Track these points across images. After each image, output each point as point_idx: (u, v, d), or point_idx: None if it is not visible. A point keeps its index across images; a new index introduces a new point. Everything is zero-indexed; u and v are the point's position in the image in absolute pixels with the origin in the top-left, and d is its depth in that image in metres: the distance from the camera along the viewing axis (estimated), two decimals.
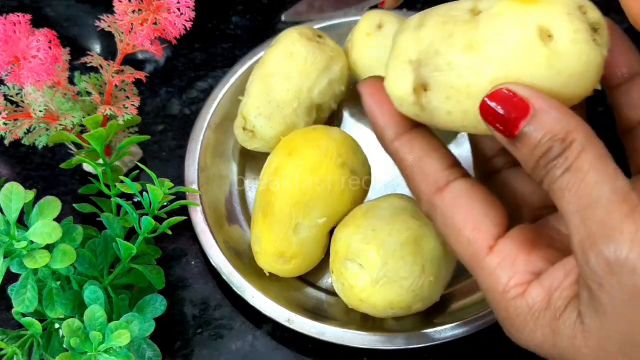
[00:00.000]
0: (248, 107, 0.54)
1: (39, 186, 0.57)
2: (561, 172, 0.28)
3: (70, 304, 0.44)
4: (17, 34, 0.46)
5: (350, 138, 0.51)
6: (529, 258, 0.30)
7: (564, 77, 0.29)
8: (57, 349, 0.45)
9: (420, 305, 0.46)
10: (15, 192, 0.43)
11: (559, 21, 0.29)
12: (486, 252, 0.31)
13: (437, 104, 0.31)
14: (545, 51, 0.29)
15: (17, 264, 0.43)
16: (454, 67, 0.30)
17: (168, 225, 0.49)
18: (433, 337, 0.47)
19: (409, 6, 0.68)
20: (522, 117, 0.28)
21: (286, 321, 0.48)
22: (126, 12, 0.49)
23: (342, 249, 0.46)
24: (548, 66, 0.29)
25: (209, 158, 0.56)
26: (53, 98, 0.49)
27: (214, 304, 0.52)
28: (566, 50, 0.29)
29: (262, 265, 0.51)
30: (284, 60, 0.54)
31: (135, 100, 0.52)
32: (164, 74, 0.64)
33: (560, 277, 0.29)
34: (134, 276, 0.48)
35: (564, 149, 0.28)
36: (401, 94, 0.32)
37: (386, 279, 0.45)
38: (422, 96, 0.31)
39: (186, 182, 0.54)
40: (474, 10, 0.31)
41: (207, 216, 0.53)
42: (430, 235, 0.46)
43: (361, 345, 0.47)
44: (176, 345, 0.50)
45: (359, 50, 0.56)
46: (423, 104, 0.31)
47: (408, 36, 0.32)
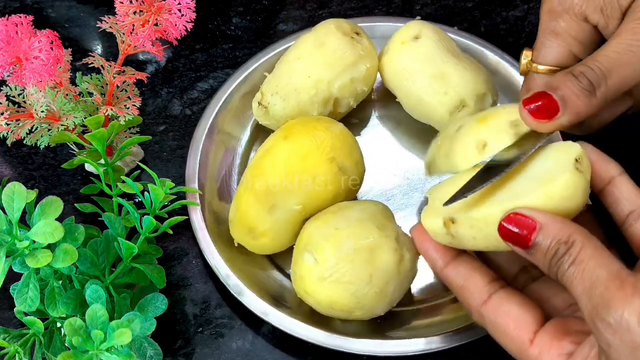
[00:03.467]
0: (268, 84, 0.56)
1: (41, 186, 0.58)
2: (568, 265, 0.36)
3: (72, 303, 0.44)
4: (20, 35, 0.46)
5: (350, 137, 0.52)
6: (560, 344, 0.38)
7: (555, 201, 0.37)
8: (59, 348, 0.45)
9: (361, 314, 0.47)
10: (18, 192, 0.43)
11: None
12: (528, 345, 0.39)
13: (464, 233, 0.40)
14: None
15: (19, 264, 0.44)
16: (479, 202, 0.40)
17: (169, 225, 0.49)
18: (369, 348, 0.48)
19: (408, 9, 0.68)
20: (532, 232, 0.37)
21: (237, 293, 0.49)
22: (127, 14, 0.49)
23: (305, 239, 0.48)
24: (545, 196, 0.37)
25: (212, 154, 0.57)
26: (55, 99, 0.49)
27: (215, 303, 0.52)
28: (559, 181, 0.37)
29: (234, 235, 0.52)
30: (313, 48, 0.55)
31: (136, 100, 0.52)
32: (165, 74, 0.64)
33: (586, 352, 0.36)
34: (135, 275, 0.48)
35: (568, 249, 0.36)
36: (434, 228, 0.42)
37: (333, 278, 0.45)
38: (451, 227, 0.40)
39: (187, 182, 0.55)
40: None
41: (206, 216, 0.53)
42: (388, 249, 0.46)
43: (296, 333, 0.48)
44: (177, 344, 0.51)
45: (390, 56, 0.56)
46: (453, 234, 0.41)
47: (445, 185, 0.44)
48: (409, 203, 0.56)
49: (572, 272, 0.35)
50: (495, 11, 0.68)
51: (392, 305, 0.48)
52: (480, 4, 0.68)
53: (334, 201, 0.50)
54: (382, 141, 0.59)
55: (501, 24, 0.67)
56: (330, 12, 0.68)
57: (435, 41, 0.55)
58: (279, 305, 0.49)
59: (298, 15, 0.68)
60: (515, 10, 0.68)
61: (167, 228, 0.49)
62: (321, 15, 0.67)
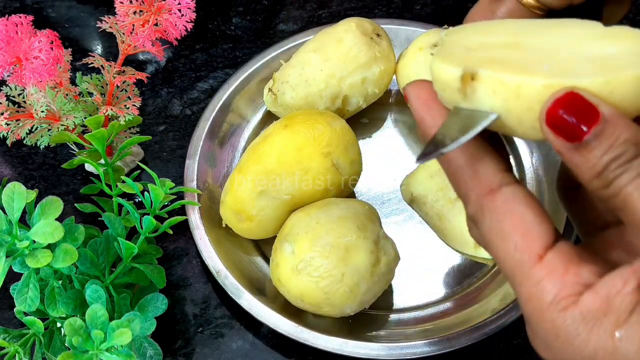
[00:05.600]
0: (282, 72, 0.57)
1: (41, 186, 0.58)
2: (633, 176, 0.27)
3: (72, 303, 0.44)
4: (20, 35, 0.46)
5: (350, 135, 0.52)
6: (578, 271, 0.29)
7: (619, 96, 0.28)
8: (59, 348, 0.45)
9: (330, 310, 0.47)
10: (18, 192, 0.43)
11: None
12: (535, 261, 0.30)
13: (481, 96, 0.30)
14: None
15: (19, 264, 0.44)
16: (509, 64, 0.29)
17: (169, 225, 0.49)
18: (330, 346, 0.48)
19: (408, 8, 0.68)
20: (594, 124, 0.28)
21: (216, 273, 0.50)
22: (127, 14, 0.49)
23: (287, 228, 0.48)
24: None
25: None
26: (55, 99, 0.49)
27: (215, 303, 0.52)
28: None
29: (222, 215, 0.52)
30: (330, 43, 0.56)
31: (136, 100, 0.52)
32: (165, 74, 0.64)
33: (619, 285, 0.28)
34: (135, 275, 0.48)
35: (638, 153, 0.27)
36: (448, 79, 0.30)
37: (305, 271, 0.46)
38: (468, 85, 0.30)
39: (186, 182, 0.55)
40: None
41: (203, 216, 0.53)
42: (364, 250, 0.46)
43: (265, 320, 0.48)
44: (177, 344, 0.51)
45: (406, 61, 0.57)
46: (467, 93, 0.30)
47: (469, 28, 0.33)
48: (404, 209, 0.56)
49: (637, 186, 0.27)
50: None
51: (363, 306, 0.48)
52: None
53: (323, 196, 0.50)
54: (391, 144, 0.59)
55: None
56: (330, 12, 0.68)
57: None
58: (256, 293, 0.50)
59: (298, 15, 0.68)
60: None
61: (167, 228, 0.49)
62: (321, 15, 0.68)
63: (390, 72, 0.57)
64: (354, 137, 0.52)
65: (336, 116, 0.53)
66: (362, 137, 0.59)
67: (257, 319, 0.49)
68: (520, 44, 0.30)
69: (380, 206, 0.55)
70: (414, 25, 0.62)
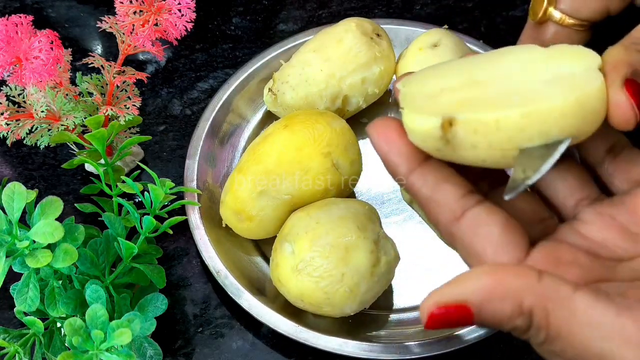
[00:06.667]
0: (281, 72, 0.57)
1: (41, 186, 0.58)
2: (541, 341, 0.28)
3: (72, 303, 0.44)
4: (20, 35, 0.46)
5: (351, 135, 0.52)
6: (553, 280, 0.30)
7: (586, 110, 0.30)
8: (59, 348, 0.45)
9: (330, 310, 0.47)
10: (18, 192, 0.43)
11: None
12: None
13: (463, 138, 0.31)
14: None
15: (19, 264, 0.44)
16: (480, 104, 0.30)
17: (169, 225, 0.49)
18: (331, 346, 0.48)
19: (408, 8, 0.68)
20: (470, 317, 0.29)
21: (216, 273, 0.50)
22: (127, 14, 0.49)
23: (287, 228, 0.48)
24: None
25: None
26: (55, 99, 0.49)
27: (215, 303, 0.52)
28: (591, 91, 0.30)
29: (222, 215, 0.52)
30: (330, 43, 0.56)
31: (136, 100, 0.52)
32: (165, 74, 0.64)
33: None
34: (135, 275, 0.48)
35: (528, 323, 0.28)
36: (427, 129, 0.31)
37: (305, 271, 0.46)
38: (448, 131, 0.31)
39: (186, 182, 0.55)
40: None
41: (203, 216, 0.53)
42: (364, 250, 0.46)
43: (264, 320, 0.48)
44: (177, 344, 0.51)
45: (405, 61, 0.57)
46: (449, 138, 0.31)
47: (421, 76, 0.34)
48: (404, 209, 0.56)
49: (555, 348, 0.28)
50: (495, 11, 0.68)
51: (364, 306, 0.48)
52: (480, 4, 0.68)
53: (323, 196, 0.50)
54: None
55: (501, 24, 0.67)
56: (330, 12, 0.68)
57: (453, 51, 0.55)
58: (256, 293, 0.50)
59: (298, 15, 0.68)
60: (515, 10, 0.68)
61: (167, 228, 0.49)
62: (321, 15, 0.68)
63: (390, 72, 0.57)
64: (354, 137, 0.52)
65: (336, 116, 0.53)
66: (362, 137, 0.59)
67: (257, 319, 0.49)
68: (479, 81, 0.32)
69: (380, 206, 0.55)
70: (414, 25, 0.63)
